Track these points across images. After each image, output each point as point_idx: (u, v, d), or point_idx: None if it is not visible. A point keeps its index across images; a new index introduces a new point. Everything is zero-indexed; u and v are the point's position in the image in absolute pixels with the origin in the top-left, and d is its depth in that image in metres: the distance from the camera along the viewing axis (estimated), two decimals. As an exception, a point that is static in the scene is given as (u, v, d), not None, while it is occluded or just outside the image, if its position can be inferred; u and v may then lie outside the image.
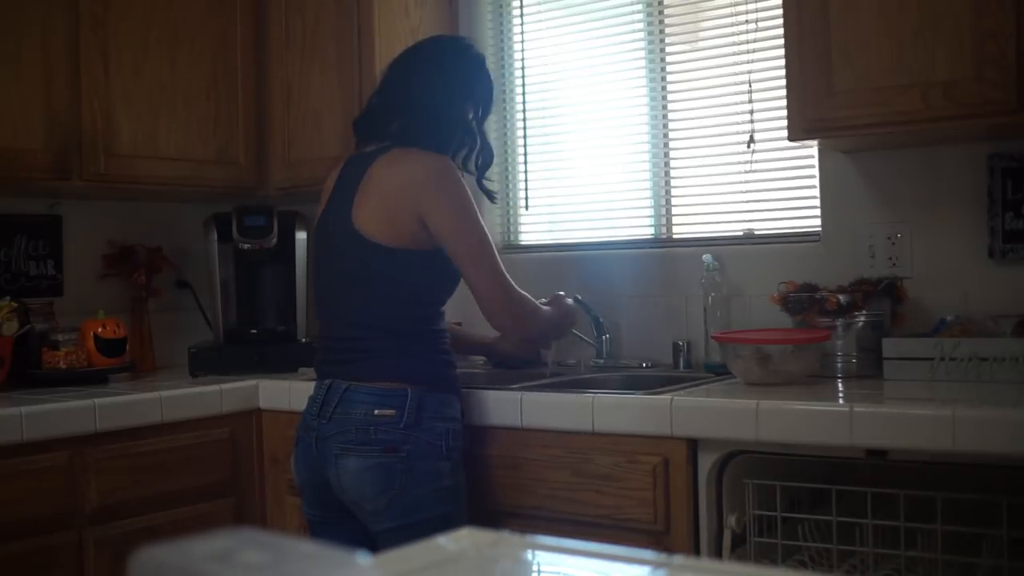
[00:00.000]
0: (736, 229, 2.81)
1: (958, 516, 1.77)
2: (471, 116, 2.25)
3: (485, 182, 2.31)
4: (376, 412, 2.06)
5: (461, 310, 2.51)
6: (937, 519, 1.77)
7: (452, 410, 2.14)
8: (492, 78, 2.32)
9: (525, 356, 2.62)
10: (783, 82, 2.33)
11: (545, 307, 2.38)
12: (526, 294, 2.27)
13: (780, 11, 2.37)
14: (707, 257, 2.70)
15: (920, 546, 1.77)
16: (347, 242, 2.13)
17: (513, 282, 2.20)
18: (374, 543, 2.07)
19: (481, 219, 2.15)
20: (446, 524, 1.92)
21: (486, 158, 2.29)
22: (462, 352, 2.56)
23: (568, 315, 2.47)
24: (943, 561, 1.77)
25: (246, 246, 3.02)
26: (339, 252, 2.18)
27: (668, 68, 2.93)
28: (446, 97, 2.21)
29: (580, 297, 2.83)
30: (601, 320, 2.84)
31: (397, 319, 2.13)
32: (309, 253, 3.08)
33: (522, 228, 3.21)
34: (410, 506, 2.05)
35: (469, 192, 2.14)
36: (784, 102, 2.32)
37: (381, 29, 2.96)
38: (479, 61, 2.30)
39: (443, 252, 2.13)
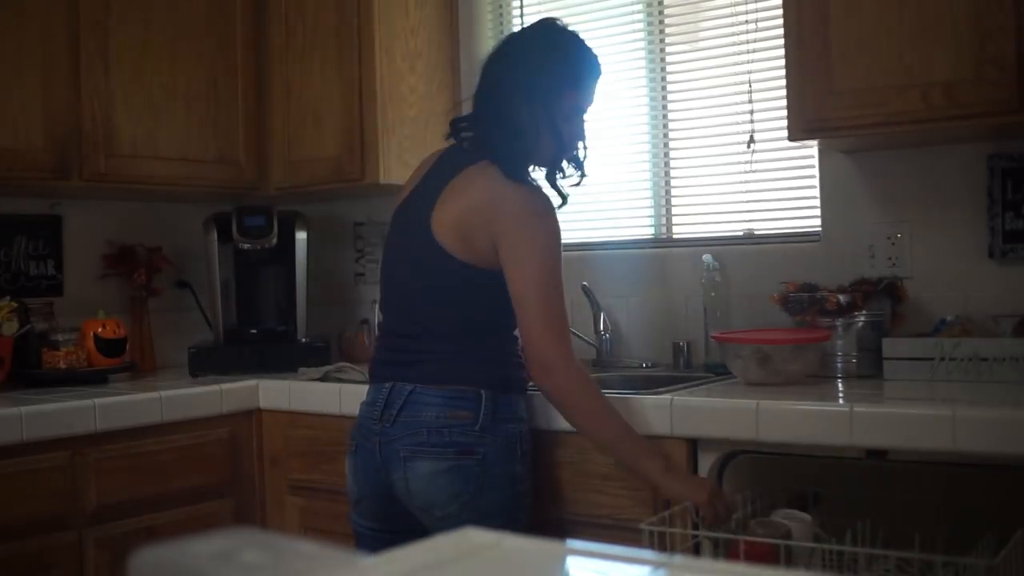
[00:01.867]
0: (736, 229, 2.81)
1: (955, 515, 1.77)
2: (559, 128, 2.06)
3: (560, 182, 2.15)
4: (449, 414, 1.96)
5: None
6: (933, 519, 1.77)
7: (521, 411, 2.06)
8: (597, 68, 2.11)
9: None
10: (783, 82, 2.33)
11: (631, 430, 2.00)
12: (594, 383, 2.03)
13: (780, 11, 2.37)
14: (707, 257, 2.70)
15: (916, 547, 1.76)
16: (423, 250, 2.02)
17: (574, 355, 1.99)
18: None
19: (557, 266, 1.98)
20: (516, 531, 1.82)
21: (581, 155, 2.14)
22: None
23: (687, 486, 1.96)
24: (941, 562, 1.76)
25: (246, 246, 3.02)
26: (413, 259, 2.06)
27: (668, 68, 2.93)
28: (529, 109, 2.02)
29: (587, 284, 2.83)
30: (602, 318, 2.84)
31: (469, 322, 2.03)
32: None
33: (522, 228, 3.20)
34: (482, 512, 1.94)
35: (551, 235, 1.99)
36: (784, 102, 2.32)
37: (381, 29, 2.96)
38: (590, 65, 2.09)
39: None
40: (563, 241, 2.01)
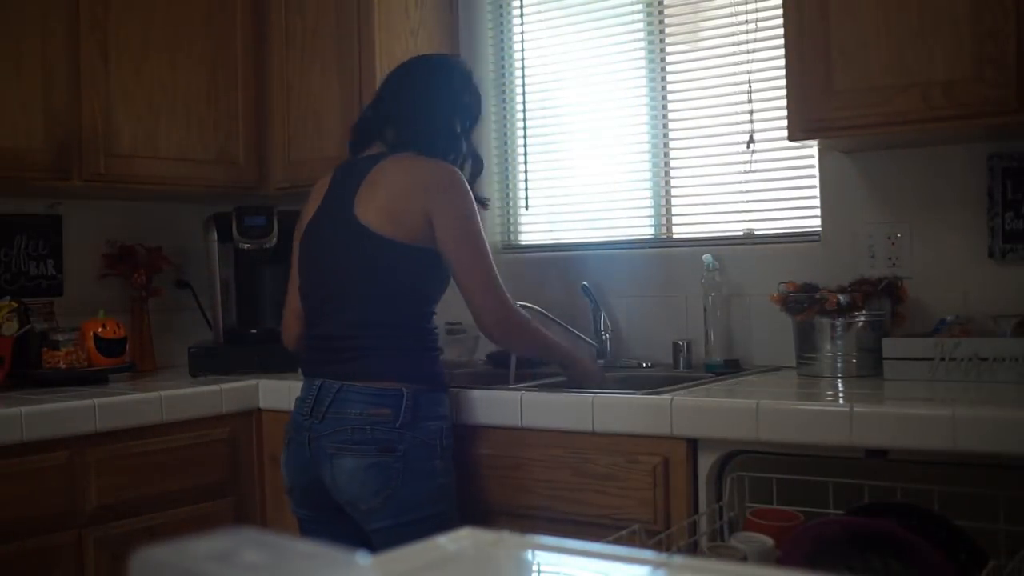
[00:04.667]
0: (736, 229, 2.81)
1: (954, 511, 1.76)
2: (458, 128, 2.30)
3: (475, 191, 2.32)
4: (371, 411, 2.08)
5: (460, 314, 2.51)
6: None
7: (443, 408, 2.17)
8: (480, 93, 2.38)
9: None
10: (783, 82, 2.33)
11: (554, 337, 2.39)
12: (527, 315, 2.33)
13: (780, 11, 2.37)
14: (707, 257, 2.70)
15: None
16: (348, 236, 2.15)
17: (510, 297, 2.22)
18: (366, 541, 2.09)
19: (483, 232, 2.19)
20: (440, 522, 1.95)
21: (476, 168, 2.35)
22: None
23: (586, 373, 2.40)
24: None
25: (246, 246, 3.02)
26: (338, 247, 2.18)
27: (668, 68, 2.93)
28: (434, 110, 2.28)
29: (587, 284, 2.84)
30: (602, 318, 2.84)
31: (393, 315, 2.15)
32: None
33: (522, 228, 3.21)
34: (405, 505, 2.07)
35: (475, 204, 2.20)
36: (784, 102, 2.32)
37: (381, 29, 2.96)
38: (466, 77, 2.36)
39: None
40: (562, 241, 2.06)
